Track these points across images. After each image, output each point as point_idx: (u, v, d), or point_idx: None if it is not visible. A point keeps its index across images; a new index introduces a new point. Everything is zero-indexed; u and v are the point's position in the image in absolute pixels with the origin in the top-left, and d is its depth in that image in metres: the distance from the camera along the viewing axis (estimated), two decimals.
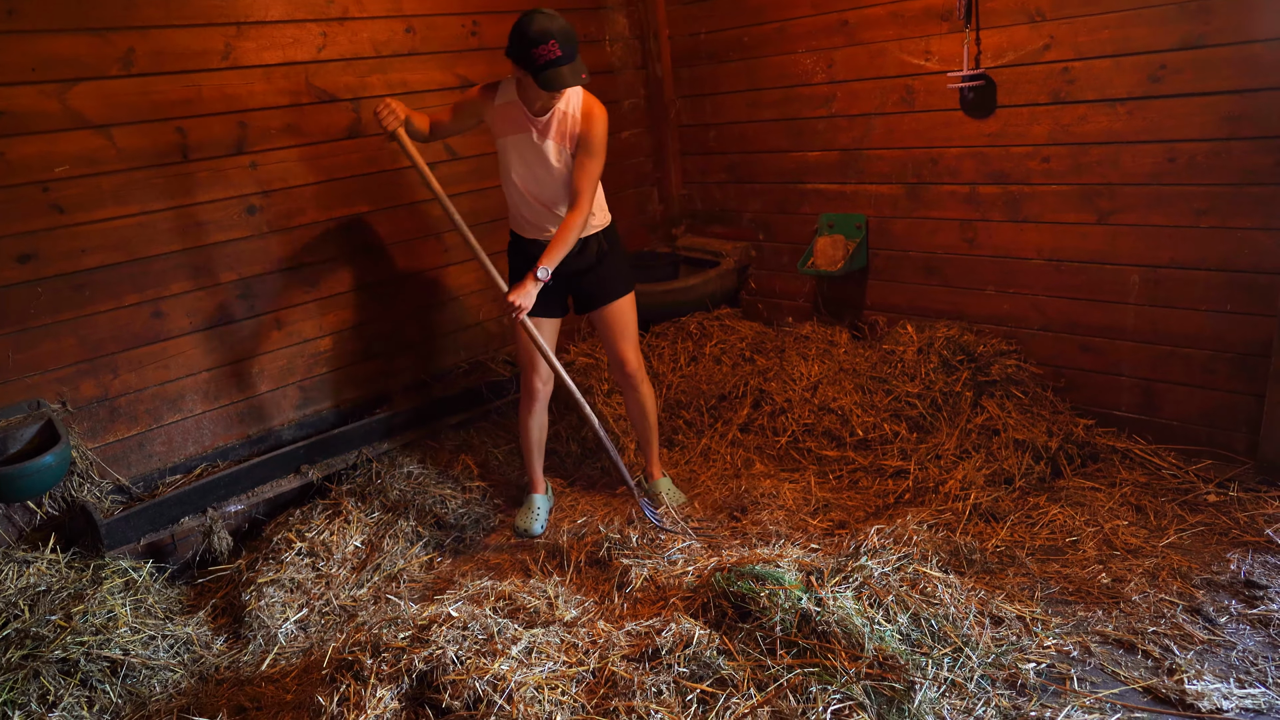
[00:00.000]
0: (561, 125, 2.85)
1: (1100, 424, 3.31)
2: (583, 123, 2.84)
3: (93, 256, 2.92)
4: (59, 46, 2.77)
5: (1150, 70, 2.93)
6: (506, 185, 3.03)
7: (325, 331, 3.52)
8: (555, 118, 2.85)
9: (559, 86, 2.67)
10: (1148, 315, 3.13)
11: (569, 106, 2.85)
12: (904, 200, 3.71)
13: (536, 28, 2.63)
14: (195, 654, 2.59)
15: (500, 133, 2.94)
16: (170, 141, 3.03)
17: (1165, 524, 2.81)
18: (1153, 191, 3.02)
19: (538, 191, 2.96)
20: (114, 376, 3.02)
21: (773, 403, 3.68)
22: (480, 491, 3.39)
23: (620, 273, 3.12)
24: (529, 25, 2.64)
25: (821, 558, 2.54)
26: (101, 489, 2.95)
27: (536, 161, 2.91)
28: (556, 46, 2.62)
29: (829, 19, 3.74)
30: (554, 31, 2.62)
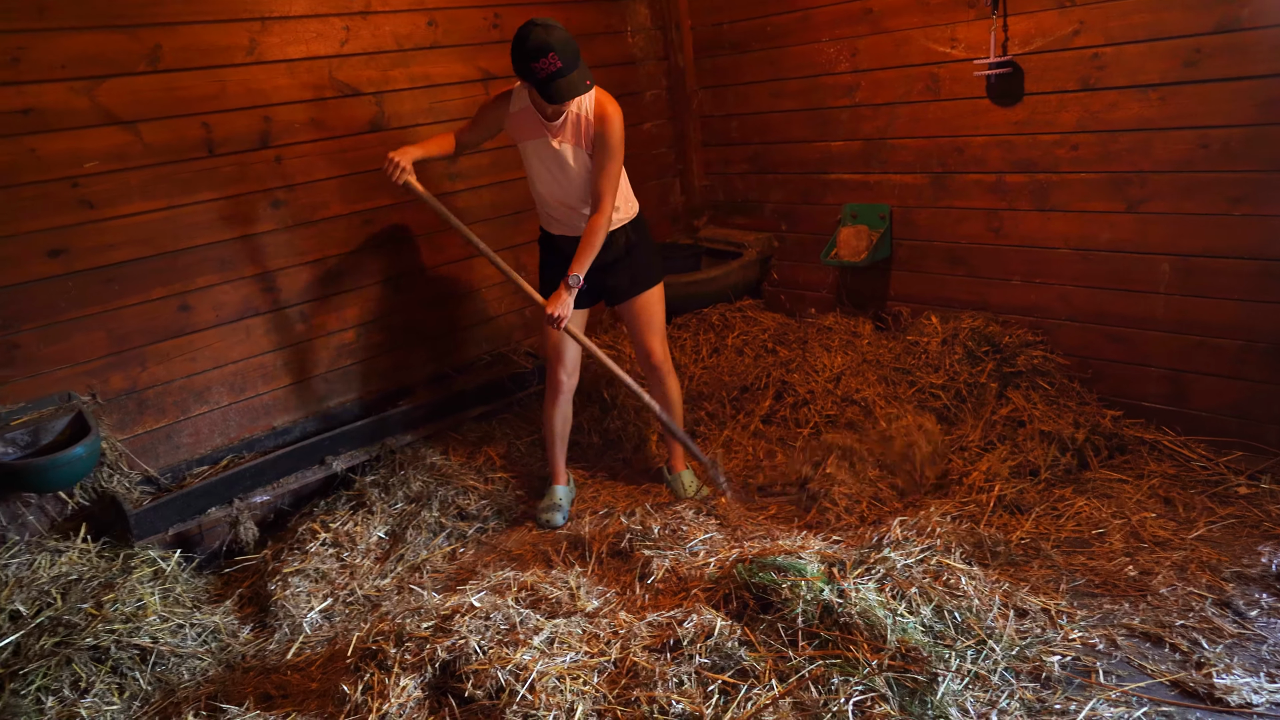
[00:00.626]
0: (576, 127, 2.86)
1: (1128, 415, 3.26)
2: (597, 124, 2.83)
3: (121, 251, 2.96)
4: (87, 44, 2.80)
5: (1185, 55, 2.87)
6: (531, 187, 3.07)
7: (349, 324, 3.55)
8: (570, 120, 2.85)
9: (563, 99, 2.67)
10: (1178, 305, 3.07)
11: (582, 108, 2.85)
12: (929, 190, 3.67)
13: (534, 41, 2.60)
14: (222, 642, 2.62)
15: (518, 139, 2.97)
16: (196, 136, 3.07)
17: (1194, 516, 2.77)
18: (1185, 179, 2.96)
19: (561, 195, 2.98)
20: (142, 369, 3.06)
21: (795, 394, 3.66)
22: (503, 483, 3.41)
23: (648, 265, 3.12)
24: (526, 39, 2.61)
25: (844, 549, 2.53)
26: (130, 480, 2.99)
27: (555, 165, 2.92)
28: (556, 59, 2.59)
29: (853, 7, 3.70)
30: (552, 44, 2.59)
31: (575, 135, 2.86)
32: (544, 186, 3.00)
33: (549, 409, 3.23)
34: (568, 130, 2.86)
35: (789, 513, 3.10)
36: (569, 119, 2.85)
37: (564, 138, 2.87)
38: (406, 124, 3.58)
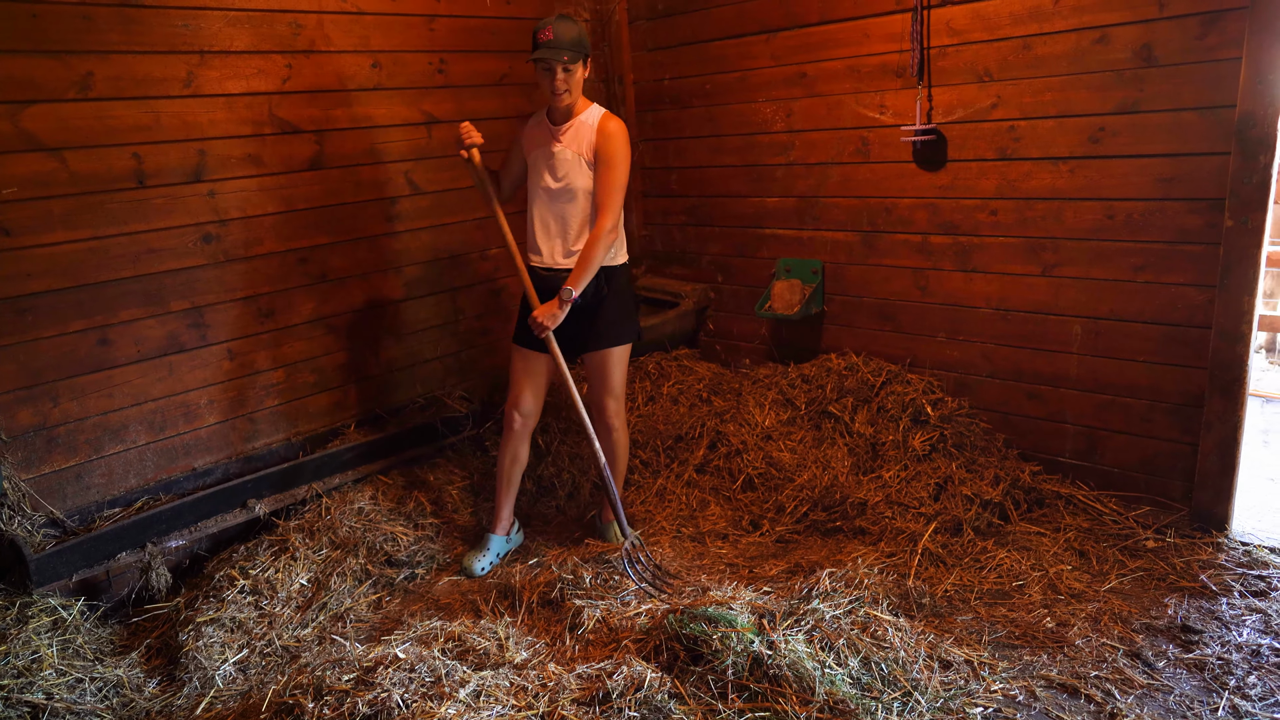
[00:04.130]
0: (579, 134, 2.96)
1: (1046, 470, 3.40)
2: (599, 136, 2.93)
3: (39, 281, 2.85)
4: (14, 68, 2.72)
5: (1090, 132, 3.07)
6: (531, 202, 3.07)
7: (279, 363, 3.47)
8: (574, 127, 2.97)
9: (539, 58, 2.84)
10: (1089, 365, 3.24)
11: (589, 119, 2.97)
12: (859, 247, 3.81)
13: (543, 20, 2.88)
14: (125, 698, 2.48)
15: (529, 149, 3.06)
16: (126, 167, 2.99)
17: (1107, 569, 2.88)
18: (1093, 246, 3.14)
19: (555, 207, 3.01)
20: (54, 405, 2.93)
21: (729, 444, 3.70)
22: (433, 529, 3.34)
23: (617, 321, 3.07)
24: (540, 21, 2.90)
25: (774, 600, 2.55)
26: (34, 522, 2.84)
27: (557, 168, 2.98)
28: (550, 31, 2.83)
29: (789, 70, 3.85)
30: (552, 20, 2.86)
31: (576, 140, 2.96)
32: (545, 193, 3.01)
33: (501, 447, 3.21)
34: (570, 135, 2.97)
35: (720, 565, 3.11)
36: (574, 127, 2.96)
37: (566, 143, 2.96)
38: (348, 163, 3.56)
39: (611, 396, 3.15)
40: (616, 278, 3.07)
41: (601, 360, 3.10)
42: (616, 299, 3.07)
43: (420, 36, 3.73)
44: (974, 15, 3.23)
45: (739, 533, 3.36)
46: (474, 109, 3.92)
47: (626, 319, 3.12)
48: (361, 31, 3.54)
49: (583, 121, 2.97)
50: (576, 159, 2.95)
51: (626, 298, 3.12)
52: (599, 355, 3.09)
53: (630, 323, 3.14)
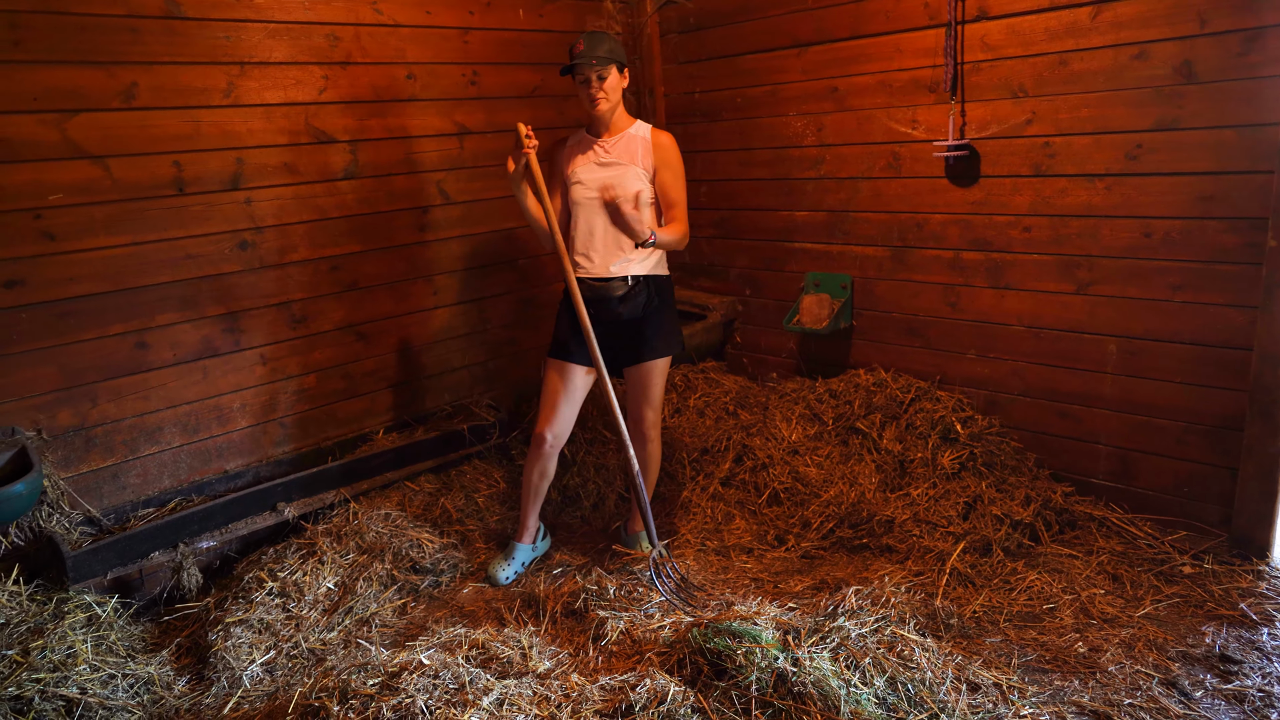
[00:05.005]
0: (629, 146, 2.99)
1: (1078, 491, 3.34)
2: (654, 148, 2.99)
3: (80, 285, 2.91)
4: (62, 78, 2.80)
5: (1127, 149, 3.03)
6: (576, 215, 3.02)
7: (310, 369, 3.51)
8: (623, 140, 3.00)
9: (576, 69, 2.88)
10: (1124, 385, 3.18)
11: (638, 132, 3.01)
12: (889, 262, 3.78)
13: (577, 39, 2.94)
14: (155, 695, 2.52)
15: (573, 167, 3.04)
16: (167, 175, 3.06)
17: (1141, 594, 2.82)
18: (1129, 265, 3.10)
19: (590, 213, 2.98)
20: (93, 406, 2.99)
21: (755, 458, 3.68)
22: (459, 536, 3.36)
23: (663, 333, 3.07)
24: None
25: (799, 617, 2.53)
26: (71, 520, 2.90)
27: (604, 178, 2.95)
28: (581, 44, 2.89)
29: (820, 85, 3.85)
30: (583, 35, 2.92)
31: (630, 154, 2.98)
32: (588, 215, 2.99)
33: (529, 462, 3.15)
34: (619, 149, 2.99)
35: (745, 580, 3.09)
36: (622, 140, 3.00)
37: (615, 154, 2.99)
38: (381, 173, 3.61)
39: (650, 408, 3.15)
40: (665, 290, 3.09)
41: (645, 372, 3.09)
42: (665, 310, 3.08)
43: (454, 49, 3.77)
44: (1009, 31, 3.21)
45: (764, 547, 3.34)
46: (505, 120, 3.96)
47: (673, 331, 3.13)
48: (397, 44, 3.60)
49: (631, 135, 3.00)
50: (630, 169, 2.97)
51: (672, 310, 3.14)
52: (641, 368, 3.09)
53: (676, 334, 3.14)
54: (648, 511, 3.02)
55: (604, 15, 4.36)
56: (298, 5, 3.29)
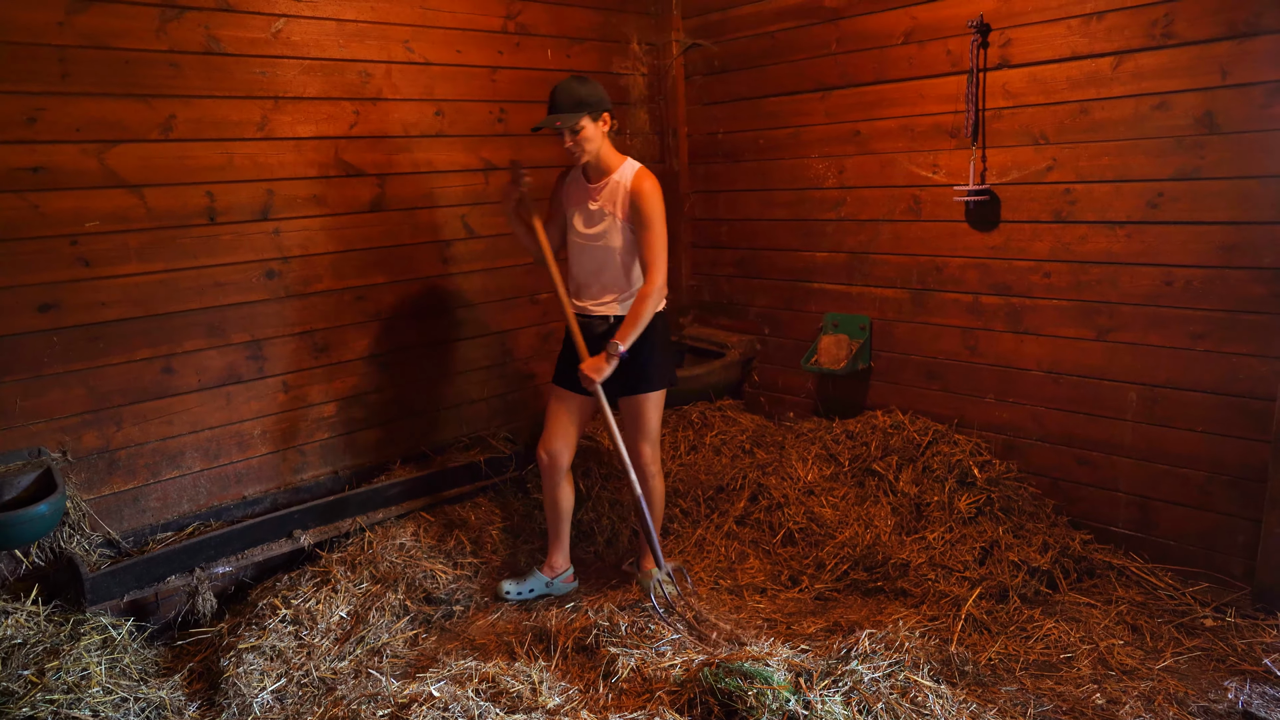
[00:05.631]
0: (613, 193, 3.00)
1: (1097, 539, 3.30)
2: (632, 196, 2.96)
3: (112, 310, 2.98)
4: (105, 109, 2.89)
5: (1149, 197, 3.04)
6: (570, 250, 3.16)
7: (330, 397, 3.55)
8: (609, 186, 3.01)
9: (541, 128, 2.94)
10: (1145, 433, 3.16)
11: (622, 177, 3.00)
12: (908, 305, 3.79)
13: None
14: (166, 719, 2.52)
15: (568, 206, 3.14)
16: (199, 204, 3.13)
17: (1162, 646, 2.77)
18: (1150, 312, 3.09)
19: (590, 264, 3.09)
20: (117, 429, 3.04)
21: (770, 497, 3.67)
22: (472, 569, 3.36)
23: (651, 369, 3.08)
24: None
25: (811, 659, 2.50)
26: (91, 542, 2.93)
27: (591, 224, 3.05)
28: (551, 98, 2.93)
29: (842, 128, 3.90)
30: (556, 87, 2.93)
31: (610, 200, 3.00)
32: (577, 255, 3.12)
33: (544, 488, 3.27)
34: (604, 195, 3.01)
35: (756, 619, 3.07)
36: (608, 185, 3.01)
37: (601, 202, 3.02)
38: (407, 206, 3.68)
39: (647, 442, 3.16)
40: (653, 327, 3.08)
41: (637, 405, 3.12)
42: (653, 347, 3.09)
43: (482, 87, 3.86)
44: (1030, 79, 3.25)
45: (778, 588, 3.32)
46: (531, 156, 4.03)
47: (661, 365, 3.12)
48: (427, 81, 3.68)
49: (617, 181, 3.00)
50: (611, 219, 3.00)
51: (662, 345, 3.14)
52: (634, 400, 3.12)
53: (665, 369, 3.14)
54: (652, 534, 3.04)
55: (630, 57, 4.45)
56: (332, 43, 3.39)
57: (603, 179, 3.02)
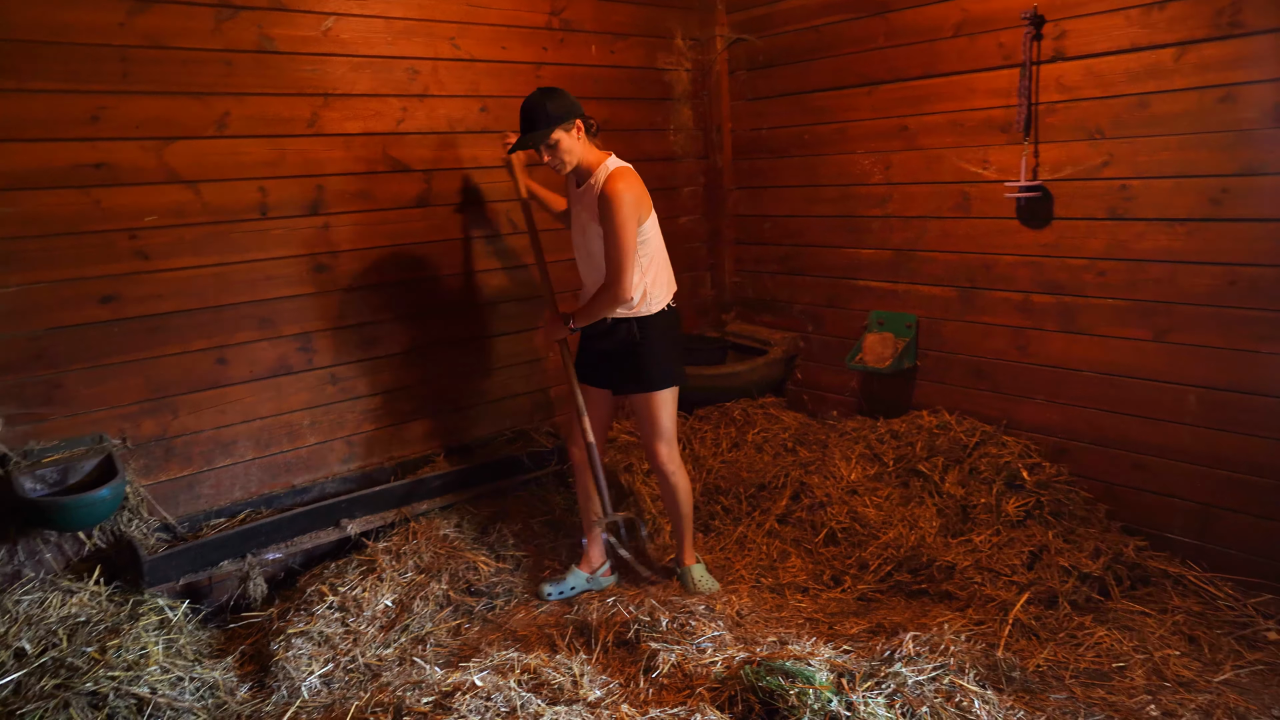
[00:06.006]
0: (589, 197, 3.00)
1: (1152, 546, 3.21)
2: (599, 199, 2.93)
3: (168, 302, 3.06)
4: (163, 107, 2.97)
5: (1211, 193, 2.94)
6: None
7: (377, 390, 3.61)
8: (587, 190, 3.01)
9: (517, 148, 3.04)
10: (1205, 437, 3.06)
11: (597, 180, 2.98)
12: (956, 303, 3.73)
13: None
14: (219, 699, 2.59)
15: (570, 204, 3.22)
16: (252, 199, 3.20)
17: (1221, 658, 2.69)
18: (1212, 313, 2.99)
19: (581, 262, 3.18)
20: (174, 417, 3.12)
21: (812, 496, 3.64)
22: (514, 561, 3.39)
23: (650, 367, 3.06)
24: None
25: (854, 660, 2.48)
26: (149, 526, 3.02)
27: (577, 228, 3.12)
28: (522, 118, 2.94)
29: (889, 123, 3.84)
30: (523, 106, 2.94)
31: (588, 205, 3.00)
32: (574, 249, 3.20)
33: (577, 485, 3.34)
34: (586, 199, 3.02)
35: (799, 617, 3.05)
36: (587, 189, 3.01)
37: (584, 205, 3.03)
38: (452, 201, 3.72)
39: (660, 440, 3.15)
40: (650, 326, 3.05)
41: (640, 403, 3.14)
42: (650, 346, 3.05)
43: (527, 83, 3.88)
44: (1087, 72, 3.16)
45: (819, 587, 3.29)
46: None
47: (662, 365, 3.08)
48: (472, 78, 3.72)
49: (593, 184, 2.99)
50: (589, 220, 3.00)
51: (663, 344, 3.07)
52: (637, 399, 3.14)
53: (666, 369, 3.08)
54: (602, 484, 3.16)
55: (674, 52, 4.43)
56: (381, 40, 3.44)
57: (585, 183, 3.03)
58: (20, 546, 2.78)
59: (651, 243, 3.03)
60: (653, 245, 3.04)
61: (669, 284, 3.13)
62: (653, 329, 3.07)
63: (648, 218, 2.98)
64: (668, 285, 3.12)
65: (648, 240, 3.00)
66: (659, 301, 3.08)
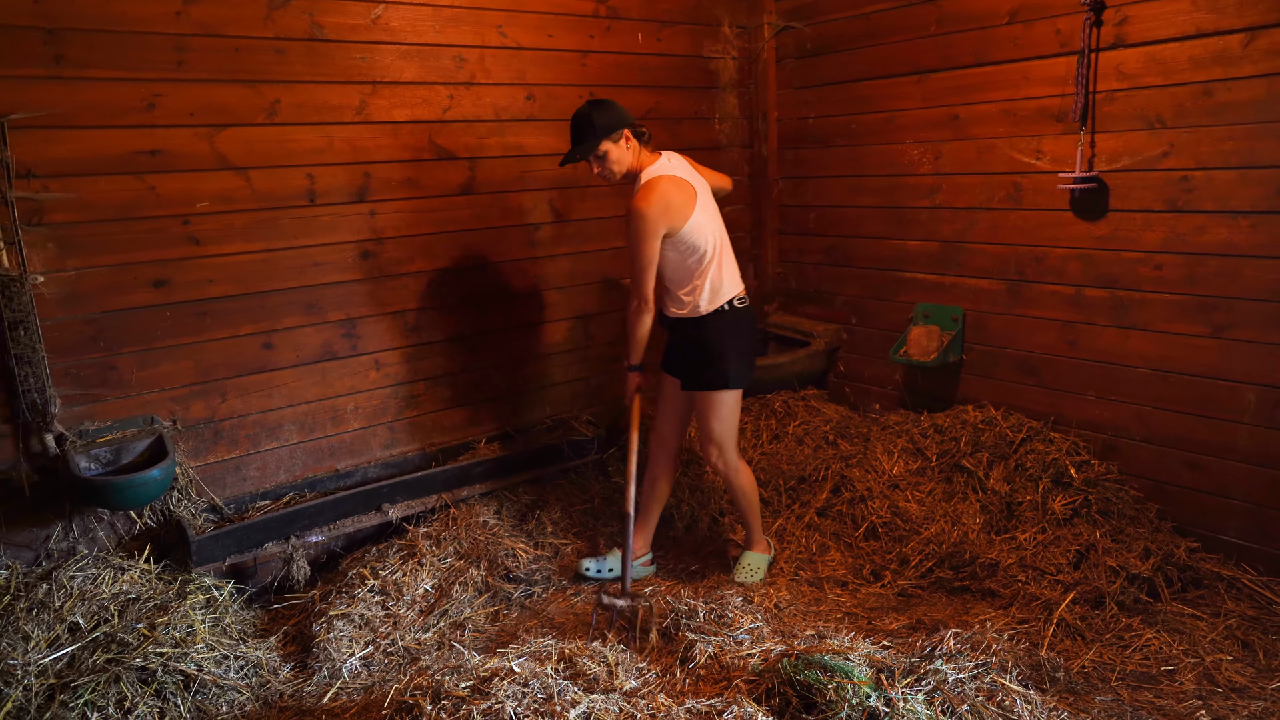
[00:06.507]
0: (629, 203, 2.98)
1: (1205, 548, 3.12)
2: (627, 213, 2.94)
3: (218, 287, 3.12)
4: (215, 95, 3.02)
5: (1278, 184, 2.83)
6: None
7: (419, 376, 3.65)
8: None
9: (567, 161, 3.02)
10: (1264, 437, 2.96)
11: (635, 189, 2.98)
12: (1004, 297, 3.65)
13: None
14: (263, 678, 2.65)
15: None
16: (300, 186, 3.25)
17: (1276, 665, 2.60)
18: (1275, 309, 2.89)
19: None
20: (222, 401, 3.18)
21: (853, 490, 3.60)
22: (552, 549, 3.40)
23: (703, 368, 3.04)
24: None
25: (893, 655, 2.44)
26: (197, 506, 3.09)
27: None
28: (572, 131, 2.98)
29: (940, 112, 3.76)
30: (573, 119, 2.97)
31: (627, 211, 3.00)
32: None
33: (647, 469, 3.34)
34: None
35: (836, 611, 3.02)
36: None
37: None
38: (496, 189, 3.73)
39: (711, 443, 3.13)
40: (705, 326, 3.03)
41: (699, 403, 3.12)
42: (706, 345, 3.03)
43: (573, 71, 3.88)
44: (1148, 59, 3.06)
45: (859, 582, 3.26)
46: None
47: (715, 365, 3.02)
48: (519, 66, 3.72)
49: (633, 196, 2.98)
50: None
51: (721, 345, 3.02)
52: (694, 396, 3.13)
53: (719, 370, 3.02)
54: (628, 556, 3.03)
55: (721, 40, 4.39)
56: (429, 28, 3.45)
57: (633, 189, 3.01)
58: (75, 524, 2.86)
59: (701, 246, 2.95)
60: (704, 248, 2.96)
61: (732, 283, 3.05)
62: (709, 328, 3.03)
63: (684, 223, 2.90)
64: (729, 285, 3.04)
65: (695, 243, 2.94)
66: (712, 302, 3.01)
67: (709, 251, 2.98)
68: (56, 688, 2.34)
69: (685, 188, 2.94)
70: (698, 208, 2.94)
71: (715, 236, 3.01)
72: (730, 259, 3.08)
